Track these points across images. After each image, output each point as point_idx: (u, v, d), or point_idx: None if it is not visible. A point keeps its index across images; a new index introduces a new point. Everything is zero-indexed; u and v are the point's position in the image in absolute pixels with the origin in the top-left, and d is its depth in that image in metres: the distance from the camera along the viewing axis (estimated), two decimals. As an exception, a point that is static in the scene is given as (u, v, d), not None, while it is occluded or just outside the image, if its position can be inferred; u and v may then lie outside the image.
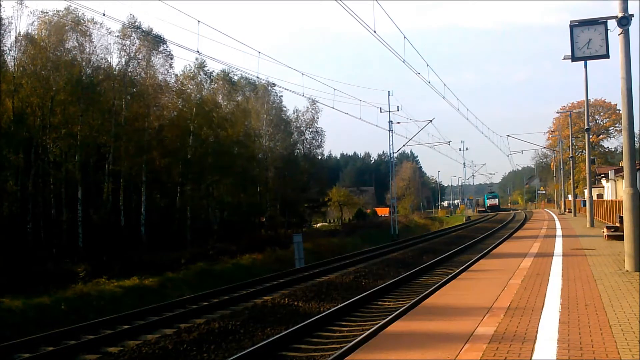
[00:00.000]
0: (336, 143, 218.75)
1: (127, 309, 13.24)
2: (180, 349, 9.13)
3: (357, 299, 12.33)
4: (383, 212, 78.27)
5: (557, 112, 74.37)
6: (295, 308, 12.19)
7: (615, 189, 39.44)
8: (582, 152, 60.50)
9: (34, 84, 23.48)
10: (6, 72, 22.55)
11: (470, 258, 19.40)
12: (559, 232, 23.66)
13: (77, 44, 25.67)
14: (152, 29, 28.72)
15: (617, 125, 65.85)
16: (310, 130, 44.16)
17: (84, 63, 25.83)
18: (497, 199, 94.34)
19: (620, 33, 10.31)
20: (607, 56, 11.19)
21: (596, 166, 52.19)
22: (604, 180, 47.40)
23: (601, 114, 69.40)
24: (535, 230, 25.75)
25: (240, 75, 39.07)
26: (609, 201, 31.03)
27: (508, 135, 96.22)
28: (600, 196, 46.63)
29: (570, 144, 45.79)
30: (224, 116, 34.04)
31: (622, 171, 11.52)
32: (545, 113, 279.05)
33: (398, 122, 47.02)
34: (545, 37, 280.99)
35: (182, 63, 78.44)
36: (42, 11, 24.75)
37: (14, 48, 23.81)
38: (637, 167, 11.40)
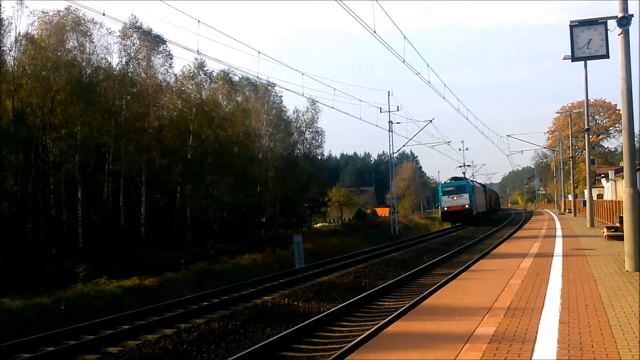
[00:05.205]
0: (336, 143, 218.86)
1: (127, 309, 13.23)
2: (180, 349, 9.13)
3: (357, 299, 12.33)
4: (383, 212, 78.32)
5: (557, 112, 74.24)
6: (295, 308, 12.19)
7: (615, 189, 39.46)
8: (582, 152, 60.51)
9: (34, 84, 23.49)
10: (6, 72, 22.55)
11: (470, 258, 19.41)
12: (559, 232, 23.66)
13: (77, 44, 25.69)
14: (151, 29, 28.78)
15: (617, 125, 65.87)
16: (310, 130, 44.19)
17: (84, 63, 25.84)
18: (467, 196, 43.76)
19: (620, 33, 10.32)
20: (607, 56, 11.21)
21: (596, 166, 52.22)
22: (604, 180, 47.44)
23: (601, 114, 69.43)
24: (535, 231, 25.74)
25: (240, 76, 39.15)
26: (609, 201, 31.04)
27: (508, 135, 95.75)
28: (600, 196, 46.67)
29: (570, 144, 45.80)
30: (224, 116, 34.04)
31: (622, 171, 11.53)
32: (545, 113, 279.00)
33: (398, 122, 46.97)
34: (545, 37, 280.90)
35: (182, 63, 78.61)
36: (42, 11, 24.85)
37: (14, 48, 23.83)
38: (637, 167, 11.40)
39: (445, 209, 44.88)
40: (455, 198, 44.00)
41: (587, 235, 20.48)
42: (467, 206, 43.48)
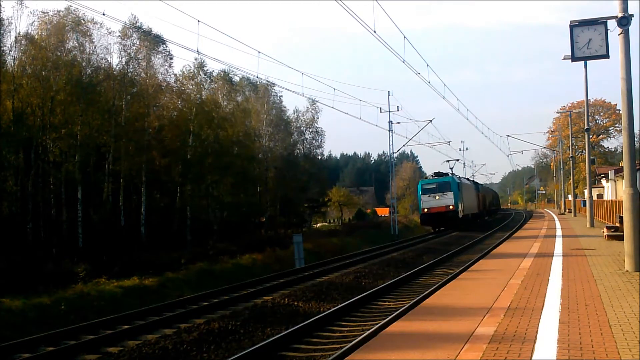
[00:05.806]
0: (336, 143, 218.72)
1: (127, 309, 13.23)
2: (180, 349, 9.13)
3: (357, 299, 12.33)
4: (383, 212, 78.22)
5: (557, 112, 74.24)
6: (295, 308, 12.19)
7: (615, 189, 39.49)
8: (582, 152, 60.52)
9: (34, 84, 23.48)
10: (6, 72, 22.55)
11: (470, 258, 19.41)
12: (559, 232, 23.66)
13: (77, 44, 25.68)
14: (151, 29, 28.78)
15: (617, 125, 65.89)
16: (310, 130, 44.21)
17: (84, 63, 25.82)
18: (451, 195, 35.88)
19: (620, 33, 10.32)
20: (607, 56, 11.21)
21: (596, 166, 52.28)
22: (604, 180, 47.48)
23: (601, 114, 69.47)
24: (535, 231, 25.75)
25: (240, 76, 39.16)
26: (609, 201, 31.06)
27: (508, 135, 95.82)
28: (600, 196, 46.71)
29: (570, 144, 45.82)
30: (224, 116, 34.05)
31: (622, 171, 11.53)
32: (545, 113, 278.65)
33: (398, 122, 46.93)
34: (545, 37, 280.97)
35: (182, 63, 78.65)
36: (42, 11, 24.81)
37: (14, 48, 23.82)
38: (637, 167, 11.40)
39: (425, 210, 36.44)
40: (437, 197, 36.03)
41: (587, 235, 20.48)
42: (451, 207, 35.63)
